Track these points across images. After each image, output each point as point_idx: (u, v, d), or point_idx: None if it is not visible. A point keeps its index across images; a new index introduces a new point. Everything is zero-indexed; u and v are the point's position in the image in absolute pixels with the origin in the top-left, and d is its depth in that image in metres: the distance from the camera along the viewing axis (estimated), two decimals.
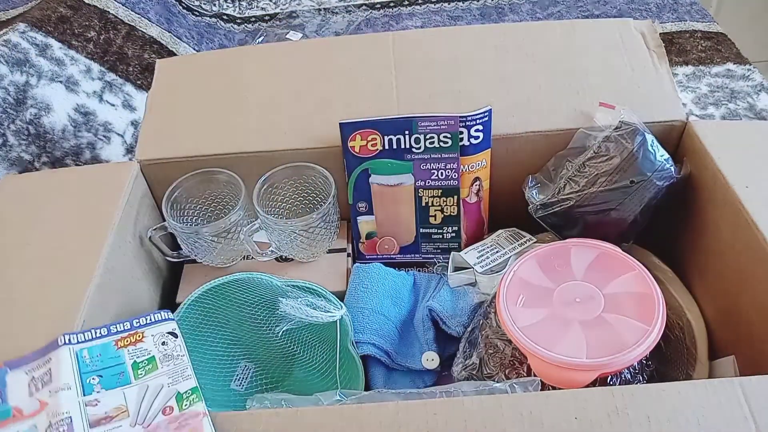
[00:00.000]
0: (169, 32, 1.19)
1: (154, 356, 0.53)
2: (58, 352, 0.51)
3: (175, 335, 0.55)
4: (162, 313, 0.57)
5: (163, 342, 0.54)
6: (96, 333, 0.54)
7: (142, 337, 0.54)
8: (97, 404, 0.48)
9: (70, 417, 0.47)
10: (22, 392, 0.49)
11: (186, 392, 0.50)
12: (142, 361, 0.52)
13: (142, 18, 1.17)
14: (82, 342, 0.53)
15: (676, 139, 0.70)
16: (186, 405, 0.49)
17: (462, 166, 0.70)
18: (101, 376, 0.51)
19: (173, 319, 0.57)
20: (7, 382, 0.49)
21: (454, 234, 0.75)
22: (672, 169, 0.64)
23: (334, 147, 0.70)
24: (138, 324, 0.55)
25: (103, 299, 0.59)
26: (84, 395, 0.49)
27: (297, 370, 0.71)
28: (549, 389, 0.53)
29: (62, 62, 1.01)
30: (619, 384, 0.55)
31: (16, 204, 0.67)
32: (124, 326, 0.55)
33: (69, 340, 0.52)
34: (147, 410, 0.48)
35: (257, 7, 1.38)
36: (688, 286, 0.68)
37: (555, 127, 0.70)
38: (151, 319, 0.56)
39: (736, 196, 0.59)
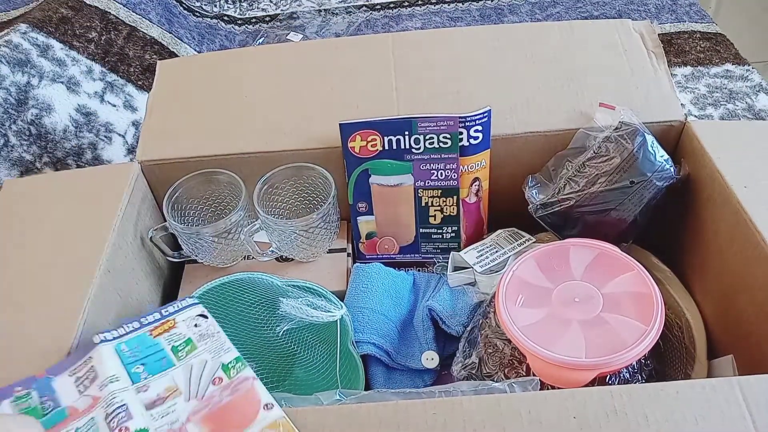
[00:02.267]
0: (170, 33, 1.19)
1: (190, 338, 0.54)
2: (99, 349, 0.52)
3: (205, 317, 0.56)
4: (187, 299, 0.59)
5: (196, 324, 0.55)
6: (128, 327, 0.55)
7: (174, 323, 0.56)
8: (147, 389, 0.49)
9: (125, 404, 0.47)
10: (72, 393, 0.50)
11: (230, 362, 0.51)
12: (180, 344, 0.53)
13: (143, 19, 1.18)
14: (117, 338, 0.54)
15: (675, 139, 0.70)
16: (234, 373, 0.50)
17: (461, 167, 0.70)
18: (145, 364, 0.52)
19: (199, 303, 0.58)
20: (55, 388, 0.50)
21: (453, 234, 0.75)
22: (672, 169, 0.64)
23: (334, 147, 0.71)
24: (167, 312, 0.57)
25: (104, 299, 0.59)
26: (133, 383, 0.50)
27: (297, 370, 0.71)
28: (548, 389, 0.53)
29: (63, 63, 1.01)
30: (618, 383, 0.55)
31: (18, 205, 0.67)
32: (154, 317, 0.56)
33: (105, 338, 0.53)
34: (197, 384, 0.50)
35: (258, 8, 1.39)
36: (687, 285, 0.68)
37: (554, 128, 0.70)
38: (178, 306, 0.58)
39: (735, 196, 0.59)
